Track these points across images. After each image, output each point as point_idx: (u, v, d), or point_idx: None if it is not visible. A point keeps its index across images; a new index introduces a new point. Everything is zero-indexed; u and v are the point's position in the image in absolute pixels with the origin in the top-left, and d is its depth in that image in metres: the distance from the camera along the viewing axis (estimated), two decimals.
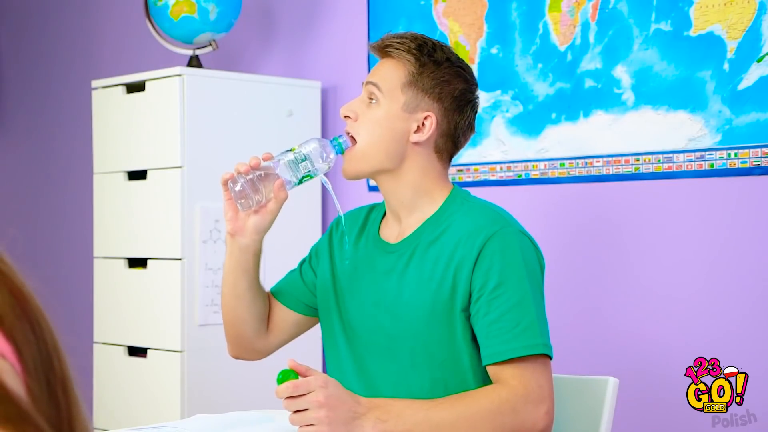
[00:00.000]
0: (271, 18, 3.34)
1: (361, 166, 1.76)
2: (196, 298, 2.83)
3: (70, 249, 3.90)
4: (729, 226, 2.39)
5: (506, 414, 1.60)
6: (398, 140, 1.75)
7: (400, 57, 1.76)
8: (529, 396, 1.62)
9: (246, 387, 2.92)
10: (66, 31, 3.98)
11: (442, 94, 1.76)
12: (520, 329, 1.64)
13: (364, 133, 1.75)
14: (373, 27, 3.04)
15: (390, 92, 1.75)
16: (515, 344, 1.64)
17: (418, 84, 1.75)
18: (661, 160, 2.48)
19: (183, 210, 2.82)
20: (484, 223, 1.70)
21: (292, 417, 1.56)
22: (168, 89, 2.88)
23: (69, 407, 0.61)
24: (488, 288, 1.66)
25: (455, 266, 1.69)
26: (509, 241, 1.69)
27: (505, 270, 1.66)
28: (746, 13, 2.35)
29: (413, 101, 1.75)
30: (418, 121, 1.75)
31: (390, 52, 1.77)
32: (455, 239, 1.71)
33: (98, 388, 3.06)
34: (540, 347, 1.64)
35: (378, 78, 1.77)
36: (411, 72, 1.75)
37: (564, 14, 2.65)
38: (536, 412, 1.62)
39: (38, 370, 0.59)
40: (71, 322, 3.59)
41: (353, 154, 1.76)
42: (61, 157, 3.98)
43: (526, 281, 1.67)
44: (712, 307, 2.40)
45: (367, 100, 1.77)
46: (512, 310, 1.65)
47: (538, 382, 1.64)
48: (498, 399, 1.61)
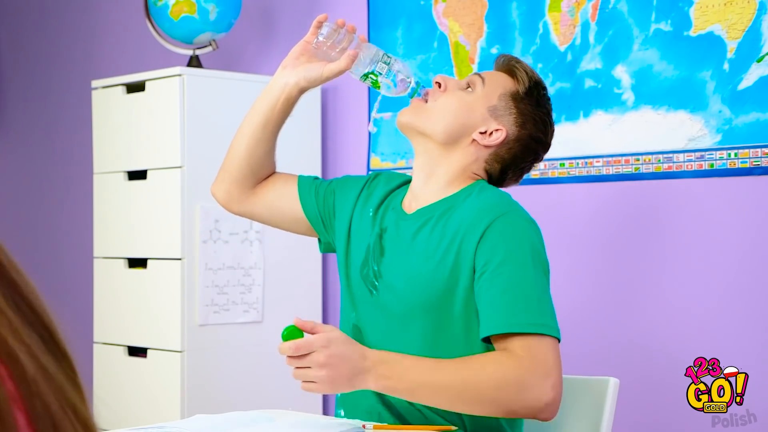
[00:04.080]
0: (271, 18, 3.34)
1: (418, 122, 1.80)
2: (196, 298, 2.83)
3: (70, 249, 3.90)
4: (729, 226, 2.39)
5: (511, 384, 1.59)
6: (465, 125, 1.79)
7: (518, 74, 1.83)
8: (535, 368, 1.60)
9: (246, 387, 2.92)
10: (66, 31, 3.99)
11: (524, 127, 1.81)
12: (526, 306, 1.63)
13: (444, 99, 1.80)
14: (373, 27, 3.04)
15: (490, 90, 1.81)
16: (521, 319, 1.62)
17: (515, 102, 1.81)
18: (661, 160, 2.48)
19: (183, 210, 2.82)
20: (493, 205, 1.73)
21: (295, 372, 1.56)
22: (168, 89, 2.88)
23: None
24: (492, 265, 1.66)
25: (459, 242, 1.70)
26: (516, 223, 1.70)
27: (510, 249, 1.67)
28: (746, 13, 2.35)
29: (501, 110, 1.81)
30: (491, 128, 1.80)
31: (511, 68, 1.84)
32: (463, 217, 1.73)
33: (98, 388, 3.06)
34: (546, 328, 1.63)
35: (487, 75, 1.84)
36: (517, 90, 1.82)
37: (564, 14, 2.65)
38: (542, 385, 1.59)
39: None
40: (71, 322, 3.58)
41: (419, 108, 1.81)
42: (61, 157, 3.98)
43: (531, 262, 1.67)
44: (712, 307, 2.41)
45: (463, 85, 1.83)
46: (517, 287, 1.64)
47: (545, 355, 1.61)
48: (503, 368, 1.59)
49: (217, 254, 2.87)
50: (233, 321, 2.91)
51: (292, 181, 1.96)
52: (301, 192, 1.94)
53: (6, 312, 0.58)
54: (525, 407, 1.60)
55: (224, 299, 2.89)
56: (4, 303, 0.58)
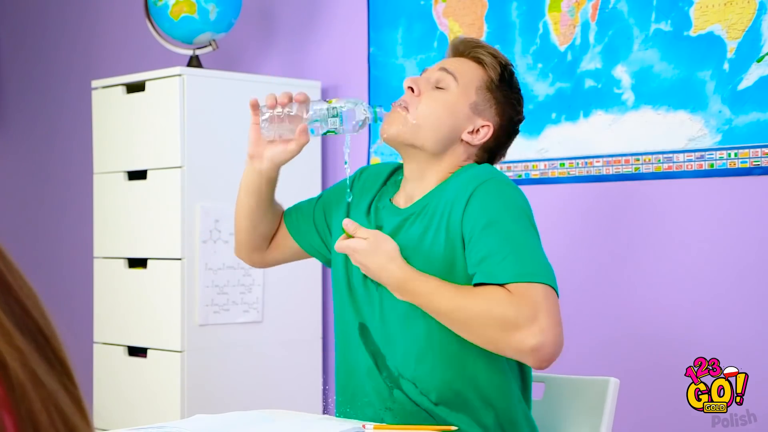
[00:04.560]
0: (271, 18, 3.34)
1: (407, 135, 1.79)
2: (196, 298, 2.83)
3: (70, 249, 3.90)
4: (729, 226, 2.39)
5: (496, 319, 1.59)
6: (453, 130, 1.79)
7: (486, 62, 1.81)
8: (521, 309, 1.58)
9: (246, 387, 2.92)
10: (66, 31, 3.99)
11: (505, 114, 1.82)
12: (516, 258, 1.63)
13: (426, 108, 1.79)
14: (373, 27, 3.04)
15: (465, 86, 1.80)
16: (515, 270, 1.62)
17: (493, 93, 1.81)
18: (661, 160, 2.48)
19: (183, 210, 2.82)
20: (474, 176, 1.75)
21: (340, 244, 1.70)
22: (168, 89, 2.88)
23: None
24: (478, 227, 1.67)
25: (447, 218, 1.72)
26: (498, 188, 1.72)
27: (496, 210, 1.68)
28: (746, 13, 2.35)
29: (482, 105, 1.80)
30: (477, 125, 1.80)
31: (476, 56, 1.82)
32: (449, 196, 1.75)
33: (98, 388, 3.06)
34: (539, 276, 1.62)
35: (455, 69, 1.81)
36: (492, 79, 1.81)
37: (564, 14, 2.65)
38: (528, 327, 1.58)
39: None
40: (71, 322, 3.59)
41: (403, 119, 1.79)
42: (61, 157, 3.98)
43: (518, 219, 1.69)
44: (712, 307, 2.41)
45: (432, 84, 1.81)
46: (507, 241, 1.65)
47: (535, 299, 1.59)
48: (492, 303, 1.60)
49: (217, 254, 2.87)
50: (233, 321, 2.91)
51: (290, 230, 2.01)
52: (292, 232, 2.00)
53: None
54: (510, 347, 1.60)
55: (224, 299, 2.89)
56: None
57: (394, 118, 1.80)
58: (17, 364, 0.56)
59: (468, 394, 1.73)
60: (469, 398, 1.73)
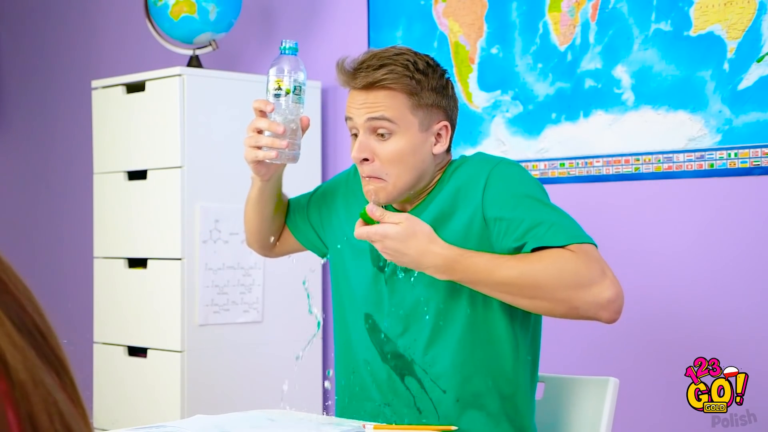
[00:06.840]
0: (271, 18, 3.34)
1: (396, 195, 1.78)
2: (196, 298, 2.83)
3: (70, 249, 3.90)
4: (729, 226, 2.39)
5: (570, 275, 1.59)
6: (425, 160, 1.77)
7: (395, 83, 1.73)
8: (591, 263, 1.60)
9: (246, 387, 2.92)
10: (66, 31, 3.99)
11: (441, 98, 1.78)
12: (559, 227, 1.64)
13: (393, 171, 1.74)
14: (373, 27, 3.04)
15: (402, 120, 1.74)
16: (563, 234, 1.63)
17: (422, 101, 1.75)
18: (661, 160, 2.48)
19: (183, 210, 2.82)
20: (482, 160, 1.77)
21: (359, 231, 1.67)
22: (168, 89, 2.88)
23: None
24: (509, 205, 1.68)
25: (462, 204, 1.73)
26: (513, 168, 1.75)
27: (521, 187, 1.70)
28: (746, 13, 2.35)
29: (426, 119, 1.76)
30: (434, 133, 1.77)
31: (383, 84, 1.74)
32: (458, 183, 1.76)
33: (98, 388, 3.06)
34: (586, 237, 1.64)
35: (382, 110, 1.74)
36: (412, 92, 1.73)
37: (564, 14, 2.65)
38: (601, 281, 1.60)
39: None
40: (71, 322, 3.59)
41: (383, 188, 1.75)
42: (61, 157, 3.98)
43: (541, 197, 1.71)
44: (712, 307, 2.41)
45: (375, 137, 1.75)
46: (546, 212, 1.67)
47: (598, 256, 1.63)
48: (562, 260, 1.60)
49: (217, 254, 2.87)
50: (233, 321, 2.91)
51: (289, 226, 2.05)
52: (290, 227, 2.03)
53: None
54: (586, 302, 1.60)
55: (224, 299, 2.89)
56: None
57: (374, 191, 1.76)
58: (18, 363, 0.56)
59: (477, 379, 1.74)
60: (478, 385, 1.74)
